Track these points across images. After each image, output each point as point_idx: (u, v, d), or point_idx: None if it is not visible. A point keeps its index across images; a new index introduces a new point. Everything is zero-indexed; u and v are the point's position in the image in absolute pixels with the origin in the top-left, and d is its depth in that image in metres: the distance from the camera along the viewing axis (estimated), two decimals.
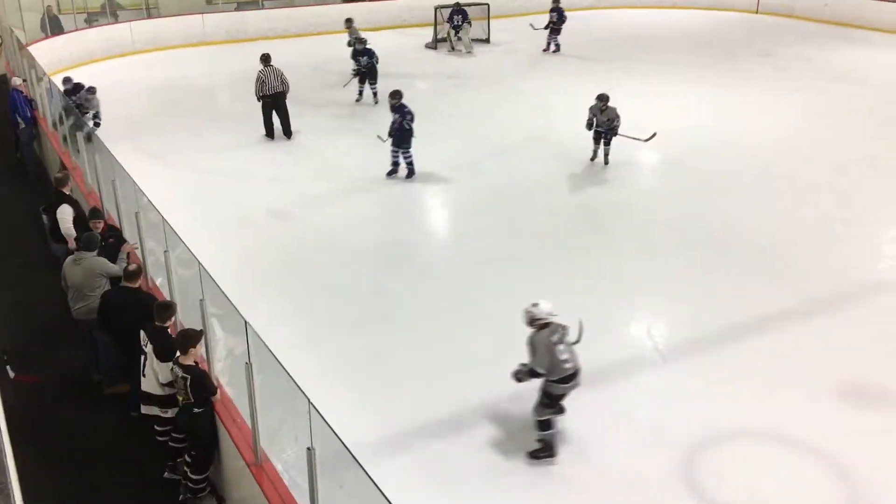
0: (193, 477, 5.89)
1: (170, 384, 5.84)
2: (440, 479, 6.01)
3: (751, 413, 6.67)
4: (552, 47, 19.18)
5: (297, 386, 5.09)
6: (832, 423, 6.53)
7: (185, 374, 5.58)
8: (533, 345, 6.01)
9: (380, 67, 15.17)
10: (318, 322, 8.02)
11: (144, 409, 6.20)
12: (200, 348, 5.81)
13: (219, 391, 5.81)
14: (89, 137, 9.94)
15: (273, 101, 13.18)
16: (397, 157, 11.40)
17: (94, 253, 7.25)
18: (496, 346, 7.57)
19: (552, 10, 19.18)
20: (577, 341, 6.16)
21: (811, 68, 17.59)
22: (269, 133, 13.35)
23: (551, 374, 5.93)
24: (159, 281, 7.62)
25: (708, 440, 6.34)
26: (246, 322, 5.22)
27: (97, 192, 9.33)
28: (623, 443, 6.37)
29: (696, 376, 7.18)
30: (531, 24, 19.27)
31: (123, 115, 14.37)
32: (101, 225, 7.94)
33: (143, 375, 6.09)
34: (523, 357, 7.40)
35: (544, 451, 6.12)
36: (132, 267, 6.92)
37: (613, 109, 11.55)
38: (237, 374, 5.71)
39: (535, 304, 6.10)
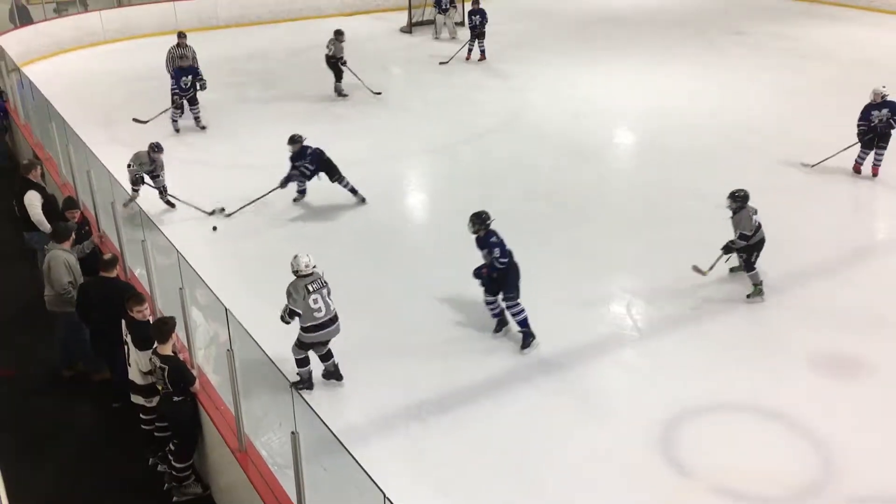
0: (177, 465, 5.90)
1: (150, 373, 5.83)
2: (425, 461, 6.08)
3: (727, 386, 6.79)
4: (478, 54, 16.91)
5: (280, 372, 5.13)
6: (807, 394, 6.66)
7: (162, 364, 5.57)
8: (288, 292, 6.40)
9: (355, 54, 15.00)
10: None
11: (133, 398, 6.19)
12: (177, 336, 5.81)
13: (197, 381, 5.81)
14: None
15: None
16: None
17: (66, 245, 7.07)
18: (479, 327, 7.63)
19: (473, 13, 16.76)
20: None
21: (783, 46, 17.70)
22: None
23: (304, 321, 6.39)
24: (138, 271, 7.60)
25: (685, 413, 6.45)
26: (227, 310, 5.23)
27: (71, 183, 9.25)
28: (602, 418, 6.47)
29: (673, 351, 7.28)
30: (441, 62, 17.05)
31: (96, 105, 14.23)
32: (77, 214, 7.85)
33: (129, 365, 6.09)
34: (509, 336, 7.52)
35: (301, 384, 6.59)
36: (108, 256, 6.88)
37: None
38: (220, 362, 5.72)
39: (295, 257, 6.44)
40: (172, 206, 10.10)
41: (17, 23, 18.09)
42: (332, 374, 6.77)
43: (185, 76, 12.45)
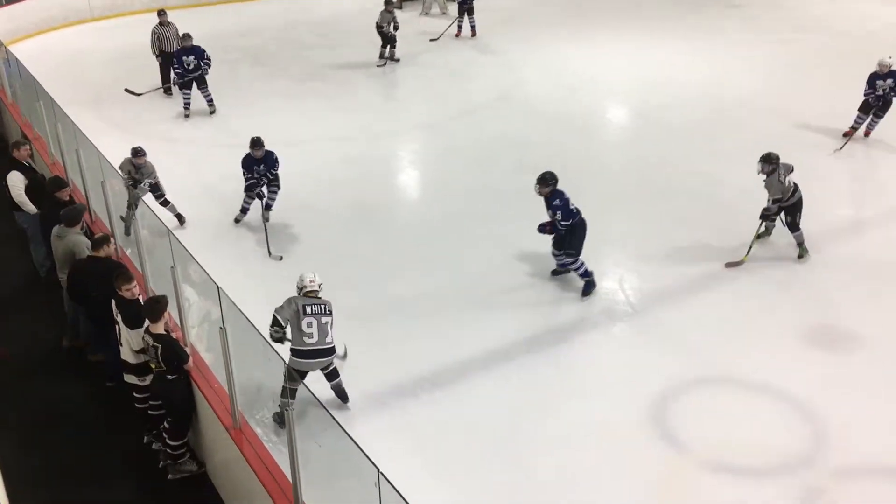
0: (172, 443, 5.91)
1: (143, 351, 5.82)
2: (419, 437, 6.10)
3: (719, 360, 6.82)
4: (468, 30, 16.61)
5: (273, 349, 5.13)
6: (799, 368, 6.69)
7: (155, 343, 5.56)
8: (282, 305, 5.97)
9: (344, 29, 14.87)
10: (292, 287, 8.02)
11: (126, 378, 6.18)
12: (170, 314, 5.79)
13: (190, 358, 5.80)
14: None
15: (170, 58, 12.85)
16: None
17: (77, 228, 7.03)
18: (471, 304, 7.64)
19: None
20: (343, 357, 6.31)
21: (778, 18, 17.59)
22: (168, 89, 13.18)
23: (293, 343, 5.93)
24: (129, 251, 7.57)
25: (678, 387, 6.49)
26: (219, 287, 5.21)
27: (61, 162, 9.18)
28: (594, 394, 6.50)
29: (665, 326, 7.30)
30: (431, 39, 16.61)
31: (84, 83, 14.10)
32: (66, 193, 7.79)
33: (121, 345, 6.08)
34: (501, 312, 7.51)
35: (278, 417, 5.79)
36: (98, 235, 6.84)
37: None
38: (214, 340, 5.71)
39: (301, 276, 6.10)
40: (181, 220, 9.14)
41: (4, 1, 17.88)
42: (338, 393, 6.32)
43: (186, 56, 12.27)
